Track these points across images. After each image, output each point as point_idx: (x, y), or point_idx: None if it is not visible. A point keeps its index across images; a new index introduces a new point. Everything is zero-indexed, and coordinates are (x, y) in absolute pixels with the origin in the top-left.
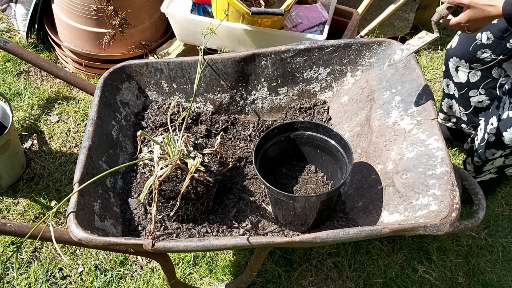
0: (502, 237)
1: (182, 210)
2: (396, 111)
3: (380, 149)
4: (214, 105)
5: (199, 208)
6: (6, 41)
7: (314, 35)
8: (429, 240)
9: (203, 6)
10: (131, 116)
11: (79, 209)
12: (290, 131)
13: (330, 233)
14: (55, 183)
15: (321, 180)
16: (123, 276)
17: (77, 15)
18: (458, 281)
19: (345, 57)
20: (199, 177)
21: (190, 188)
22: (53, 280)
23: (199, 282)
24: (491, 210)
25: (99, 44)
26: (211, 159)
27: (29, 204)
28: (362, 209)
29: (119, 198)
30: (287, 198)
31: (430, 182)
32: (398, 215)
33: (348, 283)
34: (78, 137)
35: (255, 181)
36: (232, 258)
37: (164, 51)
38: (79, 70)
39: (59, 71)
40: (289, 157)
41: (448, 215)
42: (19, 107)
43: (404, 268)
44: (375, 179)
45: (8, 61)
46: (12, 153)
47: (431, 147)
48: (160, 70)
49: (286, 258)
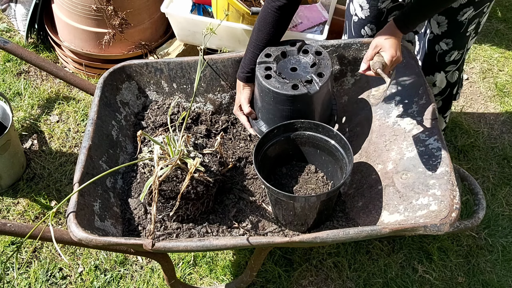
0: (502, 237)
1: (182, 210)
2: (396, 111)
3: (380, 149)
4: (214, 105)
5: (199, 208)
6: (6, 41)
7: (314, 35)
8: (429, 240)
9: (203, 6)
10: (131, 116)
11: (79, 209)
12: (290, 131)
13: (330, 233)
14: (55, 183)
15: (321, 180)
16: (123, 276)
17: (77, 15)
18: (458, 281)
19: (345, 57)
20: (199, 177)
21: (190, 188)
22: (53, 280)
23: (199, 282)
24: (491, 210)
25: (99, 44)
26: (211, 159)
27: (29, 204)
28: (362, 209)
29: (119, 198)
30: (287, 198)
31: (430, 182)
32: (398, 215)
33: (348, 283)
34: (78, 137)
35: (255, 181)
36: (232, 258)
37: (164, 51)
38: (79, 70)
39: (59, 71)
40: (289, 157)
41: (448, 215)
42: (19, 107)
43: (404, 268)
44: (375, 179)
45: (8, 61)
46: (12, 153)
47: (431, 147)
48: (160, 70)
49: (286, 258)
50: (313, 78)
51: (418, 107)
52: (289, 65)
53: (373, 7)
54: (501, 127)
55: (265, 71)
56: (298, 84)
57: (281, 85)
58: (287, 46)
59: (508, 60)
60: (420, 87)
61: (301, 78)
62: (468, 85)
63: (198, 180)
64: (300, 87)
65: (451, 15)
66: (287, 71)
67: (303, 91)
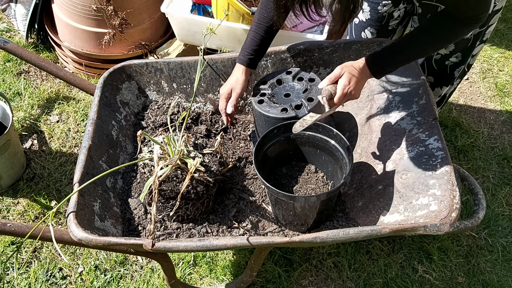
0: (502, 237)
1: (182, 210)
2: (396, 111)
3: (380, 149)
4: (214, 105)
5: (199, 208)
6: (6, 41)
7: (314, 35)
8: (429, 240)
9: (203, 6)
10: (131, 116)
11: (79, 209)
12: (290, 131)
13: (330, 233)
14: (55, 183)
15: (321, 180)
16: (123, 276)
17: (77, 15)
18: (458, 281)
19: (345, 57)
20: (199, 177)
21: (190, 188)
22: (53, 280)
23: (199, 282)
24: (491, 210)
25: (99, 44)
26: (211, 159)
27: (29, 204)
28: (362, 209)
29: (119, 198)
30: (287, 198)
31: (430, 182)
32: (398, 215)
33: (348, 283)
34: (78, 137)
35: (255, 181)
36: (232, 258)
37: (164, 51)
38: (79, 70)
39: (59, 71)
40: (289, 157)
41: (448, 215)
42: (19, 107)
43: (404, 268)
44: (375, 179)
45: (8, 61)
46: (12, 153)
47: (431, 147)
48: (160, 70)
49: (286, 258)
50: (303, 102)
51: (418, 107)
52: (283, 91)
53: (374, 10)
54: (501, 127)
55: (259, 97)
56: (287, 108)
57: (271, 108)
58: (283, 74)
59: (508, 60)
60: (420, 87)
61: (292, 102)
62: (468, 85)
63: (198, 180)
64: (289, 110)
65: None
66: (281, 97)
67: (291, 114)
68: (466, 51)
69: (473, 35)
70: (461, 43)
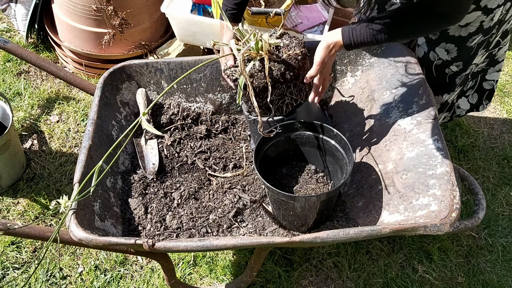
0: (502, 237)
1: (288, 97)
2: (396, 111)
3: (380, 149)
4: (214, 105)
5: (294, 93)
6: (6, 41)
7: (314, 35)
8: (429, 240)
9: (203, 6)
10: (131, 116)
11: (79, 209)
12: (290, 131)
13: (330, 233)
14: (55, 183)
15: (321, 180)
16: (123, 276)
17: (77, 15)
18: (458, 281)
19: (345, 57)
20: (287, 57)
21: (277, 69)
22: (53, 280)
23: (199, 282)
24: (491, 210)
25: (99, 44)
26: None
27: (29, 204)
28: (362, 209)
29: (119, 198)
30: (287, 198)
31: (430, 182)
32: (398, 215)
33: (348, 283)
34: (78, 137)
35: (255, 181)
36: (232, 258)
37: (164, 51)
38: (79, 70)
39: (59, 71)
40: (289, 157)
41: (448, 215)
42: (19, 107)
43: (404, 268)
44: (375, 179)
45: (8, 61)
46: (12, 153)
47: (431, 147)
48: (160, 70)
49: (286, 258)
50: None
51: (418, 107)
52: None
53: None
54: (501, 127)
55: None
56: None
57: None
58: None
59: (508, 60)
60: (420, 87)
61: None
62: None
63: (284, 61)
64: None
65: (460, 42)
66: None
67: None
68: (468, 59)
69: (477, 44)
70: (465, 52)
